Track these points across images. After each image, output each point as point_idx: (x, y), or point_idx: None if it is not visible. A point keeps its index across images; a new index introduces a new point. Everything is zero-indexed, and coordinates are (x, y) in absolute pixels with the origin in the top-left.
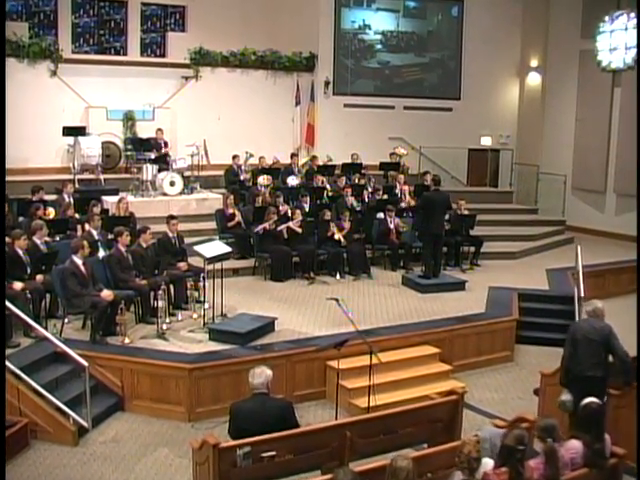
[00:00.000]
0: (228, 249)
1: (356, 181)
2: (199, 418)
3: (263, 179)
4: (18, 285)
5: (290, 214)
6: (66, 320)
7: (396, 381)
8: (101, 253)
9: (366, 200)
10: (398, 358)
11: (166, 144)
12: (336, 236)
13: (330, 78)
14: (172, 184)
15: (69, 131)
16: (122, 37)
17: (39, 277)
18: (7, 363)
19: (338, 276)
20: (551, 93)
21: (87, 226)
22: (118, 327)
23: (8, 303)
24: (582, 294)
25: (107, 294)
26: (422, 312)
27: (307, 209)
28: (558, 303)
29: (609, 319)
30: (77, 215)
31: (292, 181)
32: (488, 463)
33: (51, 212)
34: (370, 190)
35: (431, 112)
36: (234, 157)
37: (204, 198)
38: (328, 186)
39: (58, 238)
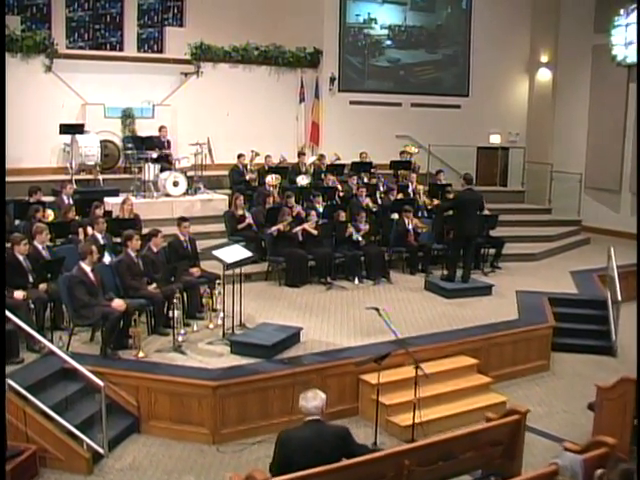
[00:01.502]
0: (249, 253)
1: (365, 180)
2: (224, 440)
3: (272, 179)
4: (19, 294)
5: (304, 215)
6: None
7: (435, 395)
8: (107, 258)
9: (378, 200)
10: (435, 370)
11: (168, 142)
12: (355, 236)
13: (335, 74)
14: (175, 184)
15: (66, 129)
16: (118, 32)
17: (42, 285)
18: (11, 382)
19: (356, 281)
20: (562, 90)
21: (89, 229)
22: (131, 340)
23: (10, 314)
24: (619, 297)
25: (119, 304)
26: (452, 319)
27: (320, 210)
28: (589, 308)
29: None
30: (77, 218)
31: (302, 181)
32: None
33: (50, 214)
34: (382, 190)
35: (439, 109)
36: (239, 156)
37: (209, 199)
38: (339, 186)
39: (59, 242)
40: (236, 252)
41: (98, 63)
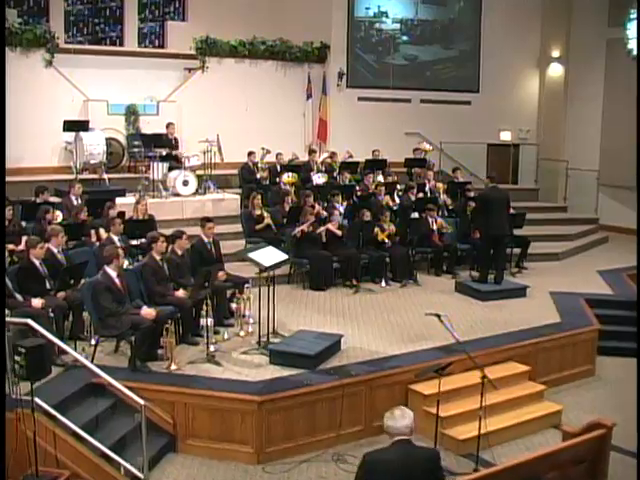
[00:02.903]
0: (285, 256)
1: (380, 178)
2: (270, 459)
3: (288, 177)
4: (37, 302)
5: (326, 215)
6: (93, 342)
7: (490, 406)
8: (125, 262)
9: (396, 199)
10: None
11: (176, 140)
12: (380, 237)
13: (344, 69)
14: (185, 184)
15: (70, 126)
16: (118, 26)
17: (61, 292)
18: (39, 401)
19: (383, 283)
20: (574, 85)
21: (102, 231)
22: (161, 350)
23: (34, 324)
24: None
25: (148, 312)
26: (493, 323)
27: (342, 210)
28: (627, 309)
29: None
30: (88, 219)
31: (318, 179)
32: None
33: (59, 215)
34: (399, 188)
35: (449, 106)
36: (250, 154)
37: (220, 199)
38: (357, 185)
39: (70, 245)
40: (271, 254)
41: (99, 58)
